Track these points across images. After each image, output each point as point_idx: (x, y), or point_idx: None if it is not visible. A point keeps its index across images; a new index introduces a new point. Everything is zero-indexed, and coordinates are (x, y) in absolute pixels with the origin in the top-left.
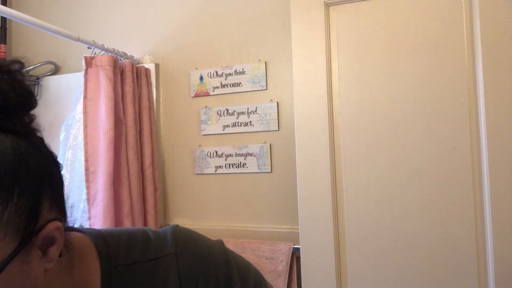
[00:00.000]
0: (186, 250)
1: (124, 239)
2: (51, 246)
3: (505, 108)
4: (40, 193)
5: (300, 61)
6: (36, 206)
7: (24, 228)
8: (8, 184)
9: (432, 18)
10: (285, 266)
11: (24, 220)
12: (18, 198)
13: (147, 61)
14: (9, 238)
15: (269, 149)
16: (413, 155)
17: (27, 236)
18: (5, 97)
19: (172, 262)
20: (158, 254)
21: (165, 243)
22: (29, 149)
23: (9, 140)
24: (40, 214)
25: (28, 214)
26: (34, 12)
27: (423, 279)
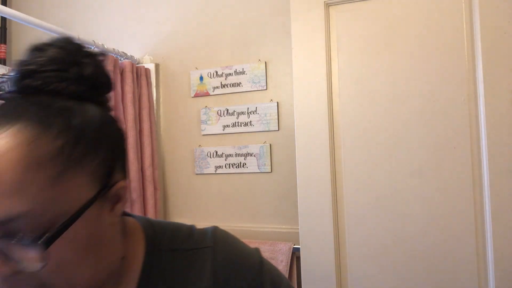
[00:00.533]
0: (223, 247)
1: (169, 229)
2: (118, 203)
3: (505, 108)
4: (117, 154)
5: (300, 61)
6: (114, 164)
7: (104, 179)
8: (99, 139)
9: (432, 18)
10: (285, 266)
11: (105, 172)
12: (104, 153)
13: (147, 61)
14: (93, 185)
15: (269, 149)
16: (413, 155)
17: (104, 187)
18: (98, 77)
19: (209, 254)
20: (197, 245)
21: (205, 237)
22: (110, 118)
23: (98, 110)
24: (115, 171)
25: (108, 169)
26: (34, 12)
27: (423, 279)
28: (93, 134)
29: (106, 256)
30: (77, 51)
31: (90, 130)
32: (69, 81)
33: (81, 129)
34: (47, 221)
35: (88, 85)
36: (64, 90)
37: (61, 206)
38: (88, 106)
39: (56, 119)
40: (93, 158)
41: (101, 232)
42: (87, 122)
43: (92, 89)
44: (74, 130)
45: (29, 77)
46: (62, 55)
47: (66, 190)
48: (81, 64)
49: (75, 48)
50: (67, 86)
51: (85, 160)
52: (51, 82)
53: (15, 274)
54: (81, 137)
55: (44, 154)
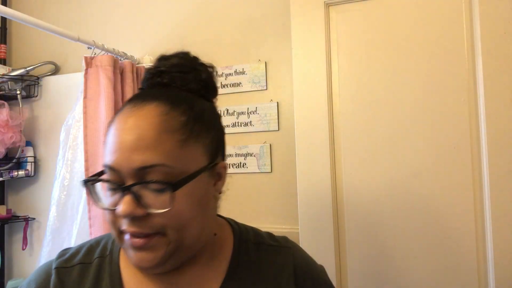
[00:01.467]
0: (300, 251)
1: (251, 228)
2: (219, 181)
3: (505, 108)
4: (220, 139)
5: (300, 61)
6: (219, 146)
7: (213, 155)
8: (210, 123)
9: (432, 18)
10: None
11: (214, 149)
12: (214, 134)
13: (147, 61)
14: (206, 155)
15: (269, 149)
16: (413, 155)
17: (214, 160)
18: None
19: (289, 254)
20: (279, 244)
21: (285, 240)
22: (219, 114)
23: (210, 104)
24: (219, 152)
25: (216, 146)
26: (34, 12)
27: (423, 278)
28: (207, 118)
29: (208, 220)
30: (194, 61)
31: (205, 114)
32: (189, 81)
33: (199, 112)
34: (174, 173)
35: (202, 86)
36: (185, 86)
37: (184, 164)
38: (203, 100)
39: (182, 102)
40: (207, 135)
41: (208, 198)
42: (203, 108)
43: (205, 89)
44: (194, 111)
45: (159, 76)
46: (184, 62)
47: (188, 153)
48: (197, 70)
49: (192, 58)
50: (188, 84)
51: (201, 135)
52: (176, 80)
53: (145, 216)
54: (199, 118)
55: (174, 124)
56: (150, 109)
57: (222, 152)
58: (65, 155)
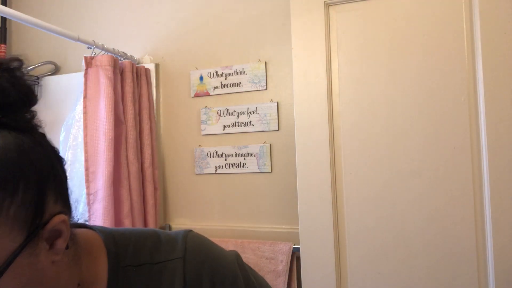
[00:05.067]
0: (194, 256)
1: (133, 240)
2: (58, 239)
3: (505, 108)
4: (44, 187)
5: (300, 61)
6: (41, 200)
7: (30, 222)
8: (13, 179)
9: (432, 18)
10: (285, 266)
11: (30, 214)
12: (23, 192)
13: (147, 61)
14: (17, 232)
15: (269, 149)
16: (413, 154)
17: (34, 230)
18: (6, 94)
19: (179, 266)
20: (166, 257)
21: (174, 247)
22: (31, 144)
23: (12, 136)
24: (45, 207)
25: (34, 208)
26: (34, 12)
27: (423, 279)
28: (5, 174)
29: None
30: None
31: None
32: None
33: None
34: None
35: None
36: None
37: None
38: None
39: None
40: (10, 202)
41: (40, 276)
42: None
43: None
44: None
45: None
46: None
47: None
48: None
49: None
50: None
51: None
52: None
53: None
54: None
55: None
56: None
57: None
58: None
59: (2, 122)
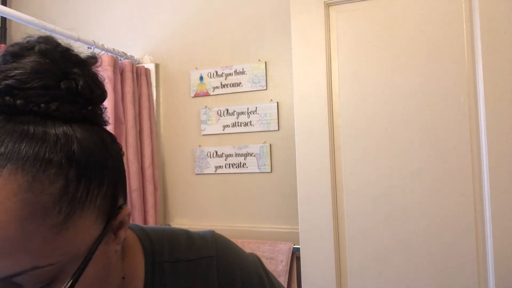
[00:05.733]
0: (225, 255)
1: (167, 237)
2: (121, 229)
3: (505, 108)
4: (118, 181)
5: (300, 61)
6: (116, 192)
7: (108, 212)
8: (101, 171)
9: (432, 18)
10: (285, 266)
11: (109, 204)
12: (107, 184)
13: (147, 61)
14: (99, 221)
15: (269, 149)
16: (413, 155)
17: (110, 220)
18: (92, 90)
19: (212, 264)
20: (200, 255)
21: (206, 246)
22: (109, 139)
23: (95, 130)
24: (118, 199)
25: (111, 199)
26: (34, 12)
27: (423, 279)
28: (96, 165)
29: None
30: (65, 58)
31: (91, 161)
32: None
33: (82, 162)
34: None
35: (82, 103)
36: (54, 112)
37: (69, 254)
38: (84, 128)
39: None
40: (98, 193)
41: (107, 265)
42: (87, 151)
43: (86, 106)
44: (74, 164)
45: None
46: (47, 66)
47: (73, 236)
48: (71, 76)
49: (61, 54)
50: (59, 107)
51: (89, 197)
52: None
53: None
54: (83, 172)
55: (44, 201)
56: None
57: (122, 191)
58: None
59: (86, 115)
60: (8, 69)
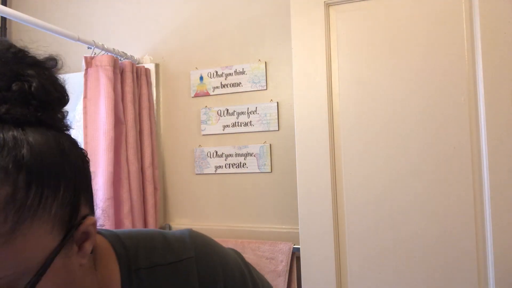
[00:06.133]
0: (205, 255)
1: (141, 241)
2: (86, 241)
3: (505, 108)
4: (79, 188)
5: (300, 61)
6: (76, 201)
7: (67, 222)
8: (56, 177)
9: (432, 18)
10: (285, 266)
11: (68, 213)
12: (64, 191)
13: (147, 61)
14: (56, 231)
15: (269, 149)
16: (413, 155)
17: (70, 230)
18: (48, 92)
19: (192, 265)
20: (178, 257)
21: (183, 247)
22: (69, 144)
23: (52, 135)
24: (79, 208)
25: (71, 208)
26: (34, 12)
27: (423, 279)
28: (49, 170)
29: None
30: (18, 60)
31: (44, 166)
32: (11, 102)
33: (33, 167)
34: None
35: (36, 105)
36: (4, 115)
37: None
38: (38, 133)
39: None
40: (53, 200)
41: (70, 280)
42: (39, 155)
43: (41, 109)
44: (24, 169)
45: None
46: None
47: (23, 247)
48: (24, 77)
49: (13, 55)
50: (9, 110)
51: (42, 205)
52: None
53: None
54: (34, 177)
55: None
56: None
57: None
58: None
59: (41, 119)
60: None
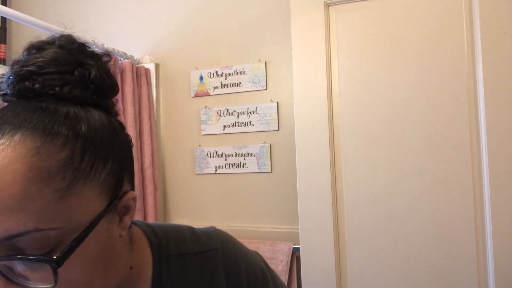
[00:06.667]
0: (229, 249)
1: (172, 232)
2: (126, 215)
3: (505, 108)
4: (124, 164)
5: (300, 61)
6: (122, 174)
7: (113, 190)
8: (106, 148)
9: (432, 18)
10: (285, 266)
11: (114, 183)
12: (112, 162)
13: (147, 61)
14: (103, 196)
15: (269, 149)
16: (413, 155)
17: (114, 198)
18: (103, 80)
19: (217, 256)
20: (205, 247)
21: (210, 239)
22: (119, 126)
23: (105, 115)
24: (123, 182)
25: (117, 179)
26: (34, 12)
27: (424, 279)
28: (101, 143)
29: (115, 268)
30: (80, 51)
31: (98, 138)
32: (73, 85)
33: (88, 137)
34: (56, 236)
35: (93, 89)
36: (67, 94)
37: (71, 221)
38: (94, 112)
39: (61, 126)
40: (102, 168)
41: (111, 246)
42: (94, 129)
43: (97, 93)
44: (81, 138)
45: (27, 80)
46: (64, 55)
47: (76, 204)
48: (85, 66)
49: (77, 47)
50: (71, 90)
51: (94, 170)
52: (53, 85)
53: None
54: (89, 146)
55: (50, 166)
56: (12, 148)
57: (128, 177)
58: None
59: (97, 102)
60: (31, 59)
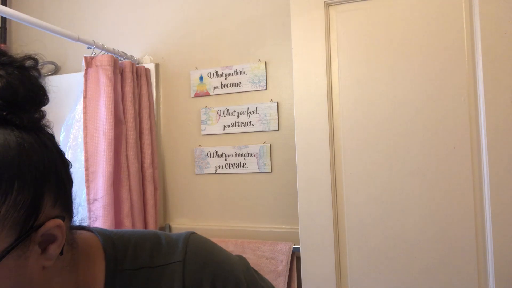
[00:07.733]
0: (195, 260)
1: (132, 243)
2: (52, 244)
3: (505, 108)
4: (42, 189)
5: (300, 61)
6: (36, 202)
7: (22, 223)
8: (8, 177)
9: (432, 18)
10: (285, 266)
11: (23, 215)
12: (18, 192)
13: (147, 61)
14: (6, 232)
15: (269, 149)
16: (413, 155)
17: (25, 232)
18: (14, 91)
19: (178, 270)
20: (165, 260)
21: (174, 250)
22: (34, 144)
23: (15, 134)
24: (40, 210)
25: (28, 209)
26: (34, 12)
27: (423, 278)
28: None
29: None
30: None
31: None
32: None
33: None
34: None
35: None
36: None
37: None
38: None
39: None
40: (2, 201)
41: (28, 280)
42: None
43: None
44: None
45: None
46: None
47: None
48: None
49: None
50: None
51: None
52: None
53: None
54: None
55: None
56: None
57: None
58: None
59: (7, 119)
60: None
